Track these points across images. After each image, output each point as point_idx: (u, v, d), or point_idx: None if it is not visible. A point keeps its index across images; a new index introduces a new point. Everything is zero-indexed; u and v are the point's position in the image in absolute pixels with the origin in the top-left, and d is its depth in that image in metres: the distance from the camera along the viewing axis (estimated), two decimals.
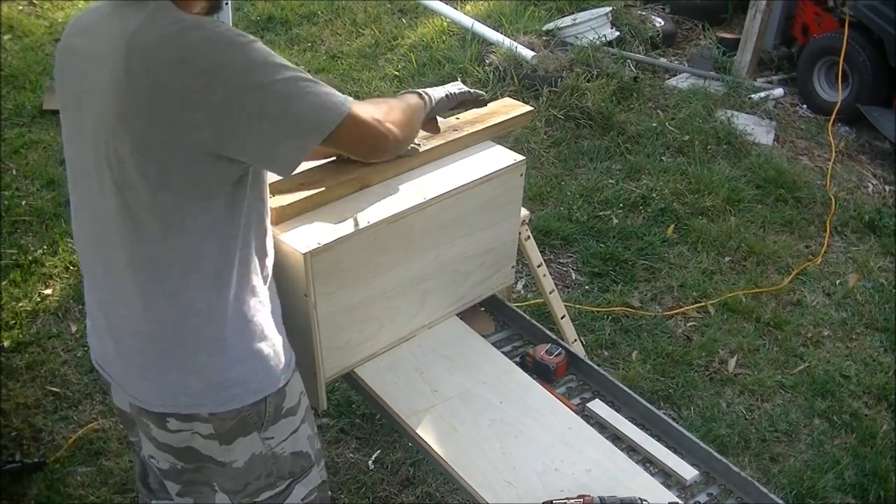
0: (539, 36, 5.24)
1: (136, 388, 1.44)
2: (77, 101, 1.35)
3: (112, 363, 1.50)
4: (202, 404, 1.41)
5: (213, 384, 1.41)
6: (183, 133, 1.25)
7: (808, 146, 4.64)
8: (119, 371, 1.48)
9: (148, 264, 1.35)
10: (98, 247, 1.43)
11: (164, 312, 1.38)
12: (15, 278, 3.24)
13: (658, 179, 4.08)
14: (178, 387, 1.41)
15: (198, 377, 1.41)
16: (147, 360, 1.42)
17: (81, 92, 1.34)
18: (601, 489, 1.75)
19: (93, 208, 1.40)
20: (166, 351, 1.40)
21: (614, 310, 3.28)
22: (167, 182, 1.28)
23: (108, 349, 1.49)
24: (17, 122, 4.30)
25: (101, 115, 1.28)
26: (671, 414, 2.82)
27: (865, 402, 2.99)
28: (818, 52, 4.90)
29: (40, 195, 3.75)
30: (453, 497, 2.50)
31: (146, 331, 1.40)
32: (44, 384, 2.82)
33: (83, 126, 1.34)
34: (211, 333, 1.40)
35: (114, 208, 1.33)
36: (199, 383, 1.41)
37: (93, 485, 2.50)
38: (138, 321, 1.40)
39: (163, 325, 1.39)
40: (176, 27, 1.23)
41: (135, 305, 1.39)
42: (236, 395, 1.43)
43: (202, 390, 1.41)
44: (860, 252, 3.80)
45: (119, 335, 1.45)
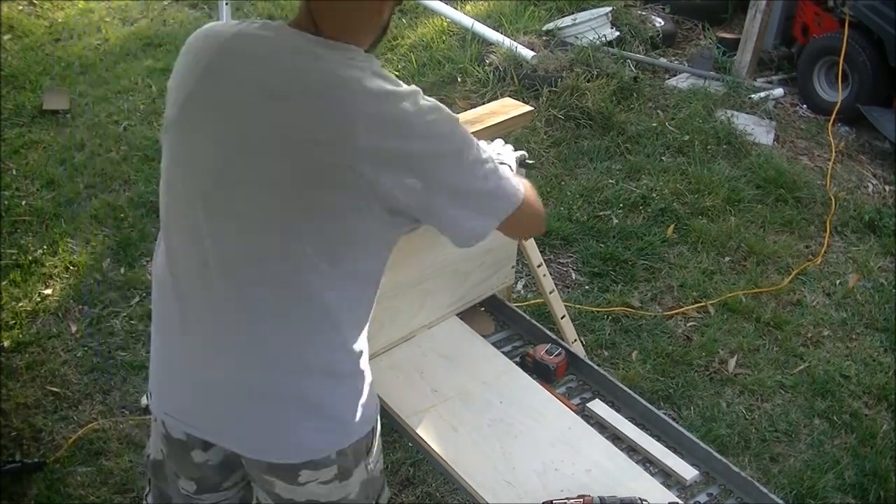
0: (539, 36, 5.24)
1: (264, 442, 1.38)
2: (230, 127, 1.28)
3: (218, 419, 1.40)
4: (333, 443, 1.39)
5: (341, 421, 1.39)
6: (382, 190, 1.25)
7: (808, 146, 4.64)
8: (234, 426, 1.39)
9: (294, 307, 1.31)
10: (217, 290, 1.33)
11: (298, 354, 1.34)
12: (15, 278, 3.24)
13: (658, 179, 4.08)
14: (312, 431, 1.37)
15: (329, 416, 1.38)
16: (278, 409, 1.36)
17: (245, 120, 1.27)
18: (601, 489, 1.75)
19: (223, 244, 1.31)
20: (300, 397, 1.36)
21: (614, 310, 3.28)
22: (345, 230, 1.28)
23: (211, 404, 1.40)
24: (17, 122, 4.30)
25: (283, 148, 1.25)
26: (671, 414, 2.82)
27: (865, 402, 2.99)
28: (818, 52, 4.90)
29: (40, 195, 3.75)
30: (453, 497, 2.50)
31: (275, 379, 1.35)
32: (44, 384, 2.82)
33: (231, 154, 1.28)
34: (342, 370, 1.38)
35: (267, 247, 1.29)
36: (328, 423, 1.38)
37: (93, 485, 2.49)
38: (267, 369, 1.35)
39: (296, 368, 1.35)
40: (391, 86, 1.27)
41: (267, 351, 1.34)
42: (357, 426, 1.42)
43: (331, 429, 1.39)
44: (860, 252, 3.79)
45: (237, 388, 1.37)
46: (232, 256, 1.31)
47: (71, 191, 3.77)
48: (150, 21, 5.55)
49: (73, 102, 4.50)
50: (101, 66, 4.93)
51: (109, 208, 3.67)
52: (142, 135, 4.24)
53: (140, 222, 3.60)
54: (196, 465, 1.50)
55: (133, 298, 3.21)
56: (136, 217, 3.63)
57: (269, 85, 1.26)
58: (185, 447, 1.48)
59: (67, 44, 5.18)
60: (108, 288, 3.24)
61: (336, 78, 1.25)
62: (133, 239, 3.49)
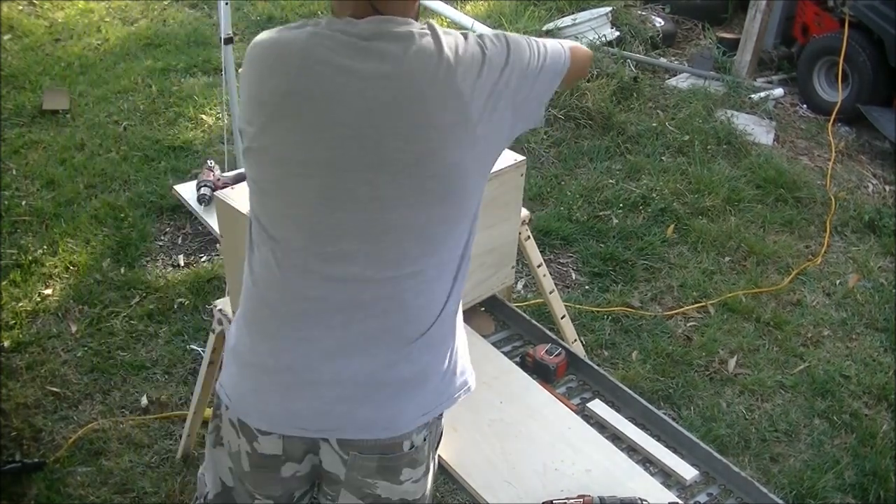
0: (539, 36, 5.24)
1: (379, 423, 1.40)
2: (358, 125, 1.29)
3: (334, 413, 1.39)
4: (444, 401, 1.46)
5: (453, 376, 1.48)
6: (500, 125, 1.36)
7: (808, 146, 4.64)
8: (350, 418, 1.39)
9: (431, 275, 1.38)
10: (353, 278, 1.35)
11: (412, 332, 1.40)
12: (15, 278, 3.24)
13: (658, 179, 4.08)
14: (422, 400, 1.43)
15: (451, 371, 1.46)
16: (397, 388, 1.40)
17: (353, 109, 1.29)
18: (601, 489, 1.75)
19: (363, 236, 1.33)
20: (417, 369, 1.41)
21: (614, 310, 3.28)
22: (479, 186, 1.39)
23: (330, 400, 1.39)
24: (17, 122, 4.30)
25: (421, 134, 1.29)
26: (671, 414, 2.82)
27: (865, 402, 2.99)
28: (818, 52, 4.90)
29: (40, 195, 3.75)
30: (453, 497, 2.50)
31: (392, 361, 1.39)
32: (44, 384, 2.82)
33: (367, 148, 1.29)
34: (456, 329, 1.48)
35: (409, 226, 1.33)
36: (446, 377, 1.46)
37: (93, 485, 2.49)
38: (382, 355, 1.38)
39: (409, 347, 1.40)
40: (454, 37, 1.34)
41: (380, 336, 1.38)
42: (460, 382, 1.49)
43: (446, 384, 1.46)
44: (860, 252, 3.80)
45: (359, 378, 1.38)
46: (364, 252, 1.33)
47: (71, 191, 3.77)
48: (150, 21, 5.55)
49: (73, 102, 4.51)
50: (101, 66, 4.93)
51: (109, 208, 3.67)
52: (142, 135, 4.24)
53: (140, 222, 3.60)
54: (282, 479, 1.49)
55: (133, 298, 3.21)
56: (136, 217, 3.63)
57: (385, 77, 1.29)
58: (278, 462, 1.46)
59: (67, 44, 5.18)
60: (108, 288, 3.24)
61: (442, 49, 1.31)
62: (133, 239, 3.50)
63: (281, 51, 1.32)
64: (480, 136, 1.32)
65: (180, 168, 3.97)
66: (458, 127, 1.30)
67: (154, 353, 2.96)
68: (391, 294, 1.36)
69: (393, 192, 1.30)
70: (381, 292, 1.35)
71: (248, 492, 1.51)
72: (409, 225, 1.33)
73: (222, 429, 1.49)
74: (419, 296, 1.37)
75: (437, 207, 1.33)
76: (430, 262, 1.37)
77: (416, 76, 1.29)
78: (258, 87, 1.33)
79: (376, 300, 1.36)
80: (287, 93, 1.30)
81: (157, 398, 2.78)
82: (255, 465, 1.47)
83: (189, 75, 4.88)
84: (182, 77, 4.85)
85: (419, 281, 1.37)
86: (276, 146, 1.33)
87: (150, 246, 3.51)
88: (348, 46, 1.29)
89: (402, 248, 1.34)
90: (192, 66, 4.95)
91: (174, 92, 4.67)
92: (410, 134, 1.28)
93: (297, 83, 1.30)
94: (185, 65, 4.96)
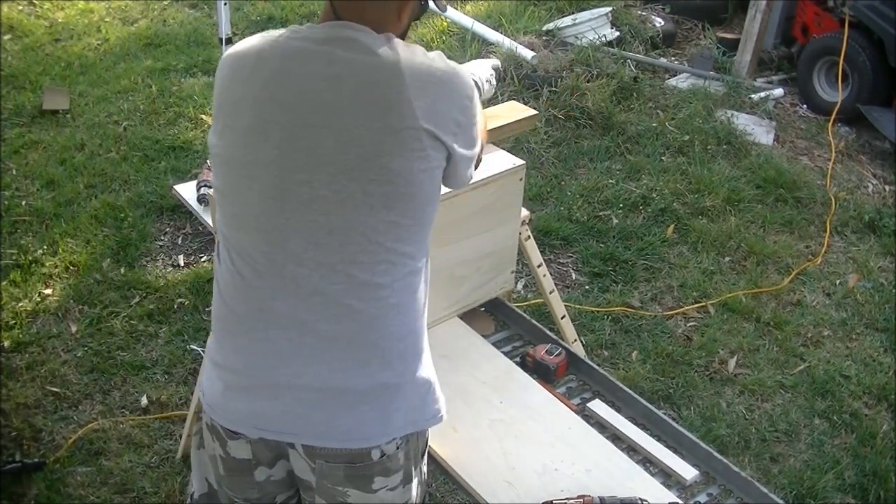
0: (539, 36, 5.24)
1: (343, 432, 1.39)
2: (302, 126, 1.32)
3: (299, 416, 1.39)
4: (409, 425, 1.43)
5: (422, 397, 1.45)
6: (444, 148, 1.37)
7: (808, 146, 4.64)
8: (314, 422, 1.39)
9: (384, 286, 1.36)
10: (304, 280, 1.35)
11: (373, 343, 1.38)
12: (15, 278, 3.24)
13: (658, 179, 4.08)
14: (393, 412, 1.40)
15: (412, 394, 1.43)
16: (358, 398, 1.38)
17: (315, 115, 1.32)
18: (601, 489, 1.75)
19: (309, 237, 1.34)
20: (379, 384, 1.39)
21: (614, 310, 3.28)
22: (431, 191, 1.39)
23: (295, 403, 1.38)
24: (17, 122, 4.30)
25: (363, 137, 1.31)
26: (671, 414, 2.82)
27: (865, 402, 2.99)
28: (818, 52, 4.90)
29: (40, 195, 3.75)
30: (453, 497, 2.50)
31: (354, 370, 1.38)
32: (44, 384, 2.82)
33: (310, 148, 1.32)
34: (419, 348, 1.45)
35: (353, 229, 1.33)
36: (410, 399, 1.43)
37: (93, 485, 2.49)
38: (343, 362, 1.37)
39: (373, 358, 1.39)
40: (428, 58, 1.38)
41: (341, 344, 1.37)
42: (431, 410, 1.47)
43: (411, 407, 1.43)
44: (860, 252, 3.79)
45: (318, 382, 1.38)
46: (311, 254, 1.34)
47: (71, 191, 3.77)
48: (150, 21, 5.55)
49: (73, 102, 4.51)
50: (101, 66, 4.93)
51: (109, 208, 3.67)
52: (142, 135, 4.24)
53: (140, 222, 3.60)
54: (258, 483, 1.49)
55: (133, 298, 3.21)
56: (136, 217, 3.63)
57: (330, 80, 1.32)
58: (250, 466, 1.47)
59: (67, 44, 5.18)
60: (108, 288, 3.24)
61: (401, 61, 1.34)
62: (133, 239, 3.49)
63: (239, 59, 1.38)
64: (429, 152, 1.34)
65: (180, 168, 3.97)
66: (401, 135, 1.30)
67: (154, 353, 2.96)
68: (342, 300, 1.35)
69: (332, 193, 1.31)
70: (332, 297, 1.35)
71: (227, 494, 1.53)
72: (352, 228, 1.33)
73: (203, 431, 1.51)
74: (372, 305, 1.36)
75: (383, 213, 1.33)
76: (382, 270, 1.36)
77: (360, 80, 1.31)
78: (218, 94, 1.40)
79: (327, 305, 1.35)
80: (239, 98, 1.36)
81: (157, 398, 2.78)
82: (229, 469, 1.48)
83: (189, 75, 4.87)
84: (182, 77, 4.85)
85: (371, 290, 1.36)
86: (226, 149, 1.37)
87: (150, 246, 3.51)
88: (301, 51, 1.34)
89: (348, 252, 1.33)
90: (192, 66, 4.95)
91: (174, 92, 4.67)
92: (349, 136, 1.30)
93: (247, 88, 1.35)
94: (185, 65, 4.95)
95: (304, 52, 1.34)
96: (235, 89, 1.37)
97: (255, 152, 1.34)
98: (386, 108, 1.30)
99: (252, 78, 1.35)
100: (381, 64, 1.32)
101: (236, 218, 1.38)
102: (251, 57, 1.37)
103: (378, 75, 1.31)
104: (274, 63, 1.34)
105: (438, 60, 1.38)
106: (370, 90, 1.30)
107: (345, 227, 1.33)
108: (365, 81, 1.31)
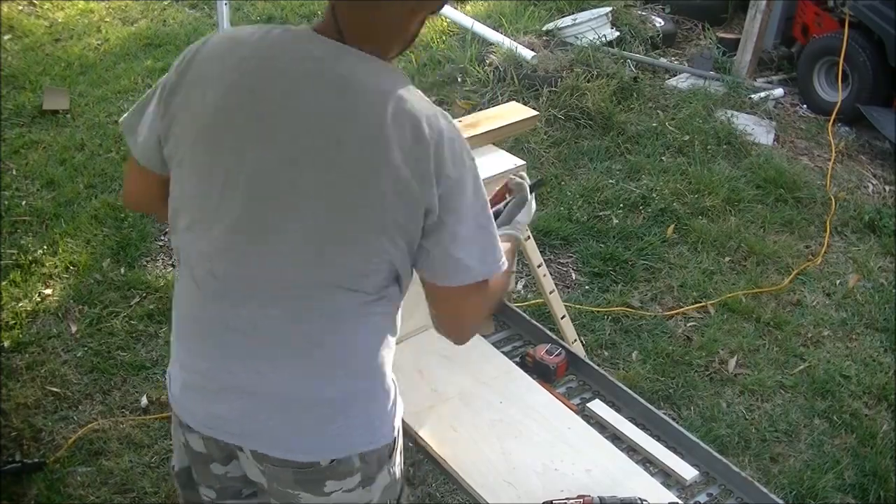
0: (539, 36, 5.24)
1: (292, 443, 1.37)
2: (271, 132, 1.27)
3: (249, 421, 1.37)
4: (360, 445, 1.39)
5: (369, 425, 1.40)
6: (424, 205, 1.27)
7: (808, 146, 4.64)
8: (263, 429, 1.37)
9: (337, 299, 1.31)
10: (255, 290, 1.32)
11: (328, 358, 1.35)
12: (15, 278, 3.24)
13: (658, 179, 4.08)
14: (343, 429, 1.37)
15: (357, 418, 1.38)
16: (308, 411, 1.36)
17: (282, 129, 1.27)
18: (601, 489, 1.75)
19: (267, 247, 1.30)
20: (331, 399, 1.36)
21: (614, 310, 3.28)
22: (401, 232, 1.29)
23: (246, 408, 1.37)
24: (17, 122, 4.30)
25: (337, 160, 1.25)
26: (671, 414, 2.82)
27: (865, 402, 2.99)
28: (818, 52, 4.90)
29: (40, 195, 3.75)
30: (453, 497, 2.50)
31: (307, 382, 1.35)
32: (44, 384, 2.82)
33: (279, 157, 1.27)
34: (373, 369, 1.39)
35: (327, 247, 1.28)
36: (356, 424, 1.38)
37: (93, 485, 2.49)
38: (298, 373, 1.34)
39: (326, 372, 1.35)
40: (432, 111, 1.29)
41: (298, 354, 1.34)
42: (384, 430, 1.42)
43: (359, 431, 1.39)
44: (860, 252, 3.79)
45: (270, 389, 1.36)
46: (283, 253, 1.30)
47: (71, 191, 3.77)
48: (150, 21, 5.55)
49: (73, 102, 4.51)
50: (101, 66, 4.93)
51: (109, 208, 3.67)
52: None
53: (140, 222, 3.60)
54: (216, 476, 1.50)
55: (133, 298, 3.21)
56: (136, 217, 3.63)
57: (303, 95, 1.26)
58: (206, 459, 1.47)
59: (67, 44, 5.18)
60: (108, 288, 3.24)
61: (370, 91, 1.26)
62: (133, 239, 3.49)
63: (225, 53, 1.35)
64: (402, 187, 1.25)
65: None
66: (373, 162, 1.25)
67: (154, 353, 2.96)
68: (300, 313, 1.32)
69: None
70: (291, 310, 1.32)
71: (195, 479, 1.54)
72: (318, 244, 1.28)
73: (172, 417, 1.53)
74: (322, 318, 1.32)
75: (326, 218, 1.27)
76: (343, 290, 1.30)
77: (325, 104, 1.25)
78: (186, 85, 1.35)
79: (285, 317, 1.32)
80: (222, 106, 1.31)
81: (157, 398, 2.78)
82: (191, 459, 1.50)
83: None
84: None
85: (319, 301, 1.31)
86: (198, 151, 1.35)
87: (150, 246, 3.51)
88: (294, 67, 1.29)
89: (311, 267, 1.29)
90: None
91: None
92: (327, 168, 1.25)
93: (233, 95, 1.31)
94: None
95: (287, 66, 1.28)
96: (216, 90, 1.30)
97: (222, 158, 1.30)
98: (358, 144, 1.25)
99: (233, 85, 1.30)
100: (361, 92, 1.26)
101: (196, 219, 1.35)
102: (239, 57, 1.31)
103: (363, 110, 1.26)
104: (262, 72, 1.29)
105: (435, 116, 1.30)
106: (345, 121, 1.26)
107: (311, 243, 1.29)
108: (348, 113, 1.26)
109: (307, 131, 1.26)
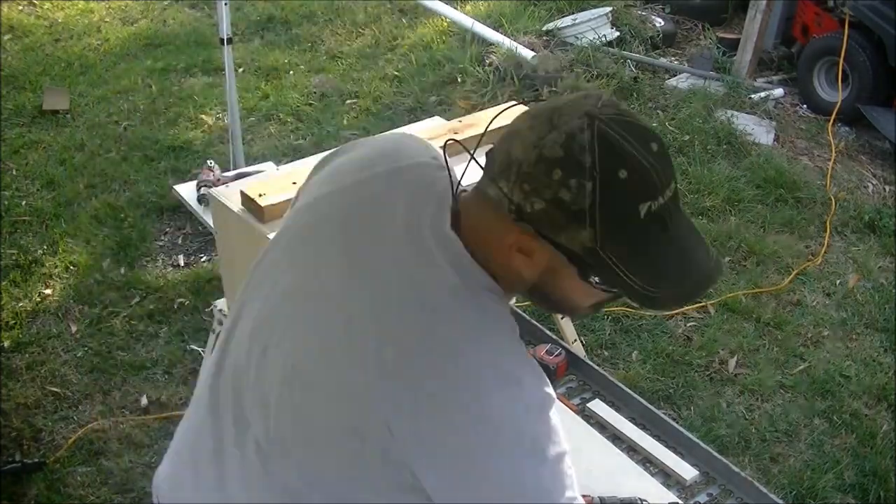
0: (539, 36, 5.24)
1: None
2: (340, 272, 1.15)
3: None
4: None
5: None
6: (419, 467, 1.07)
7: (808, 146, 4.64)
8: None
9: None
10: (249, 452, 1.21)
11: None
12: (15, 278, 3.24)
13: None
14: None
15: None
16: None
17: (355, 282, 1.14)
18: (601, 489, 1.74)
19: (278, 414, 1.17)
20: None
21: (614, 310, 3.28)
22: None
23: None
24: (17, 122, 4.30)
25: (383, 318, 1.10)
26: (671, 414, 2.82)
27: (865, 402, 2.99)
28: (818, 52, 4.89)
29: (40, 195, 3.75)
30: None
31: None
32: (44, 384, 2.82)
33: (330, 302, 1.14)
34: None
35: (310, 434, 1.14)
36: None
37: (93, 485, 2.49)
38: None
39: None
40: (509, 367, 1.08)
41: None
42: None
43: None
44: (860, 252, 3.79)
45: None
46: (281, 432, 1.18)
47: (71, 191, 3.77)
48: (150, 21, 5.55)
49: (73, 102, 4.51)
50: (101, 66, 4.93)
51: (109, 208, 3.67)
52: (142, 135, 4.24)
53: (140, 222, 3.60)
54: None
55: (133, 298, 3.21)
56: (136, 217, 3.63)
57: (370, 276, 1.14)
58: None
59: (67, 44, 5.18)
60: (107, 288, 3.24)
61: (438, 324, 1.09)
62: (133, 239, 3.49)
63: (329, 179, 1.30)
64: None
65: (180, 168, 3.97)
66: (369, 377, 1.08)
67: (154, 353, 2.96)
68: (253, 460, 1.21)
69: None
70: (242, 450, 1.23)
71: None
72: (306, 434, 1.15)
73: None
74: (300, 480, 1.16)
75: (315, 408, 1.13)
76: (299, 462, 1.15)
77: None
78: (307, 193, 1.31)
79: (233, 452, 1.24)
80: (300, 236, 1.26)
81: (157, 398, 2.78)
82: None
83: (189, 75, 4.87)
84: (182, 77, 4.85)
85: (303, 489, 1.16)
86: (282, 267, 1.29)
87: (150, 246, 3.51)
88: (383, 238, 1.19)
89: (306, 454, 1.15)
90: (192, 66, 4.95)
91: (174, 92, 4.67)
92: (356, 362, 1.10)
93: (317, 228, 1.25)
94: (185, 65, 4.96)
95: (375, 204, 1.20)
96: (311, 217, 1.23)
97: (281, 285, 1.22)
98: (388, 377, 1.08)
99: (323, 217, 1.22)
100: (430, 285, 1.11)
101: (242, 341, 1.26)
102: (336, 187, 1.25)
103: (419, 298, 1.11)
104: (351, 215, 1.20)
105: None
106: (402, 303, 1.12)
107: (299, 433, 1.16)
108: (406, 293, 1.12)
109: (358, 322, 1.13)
